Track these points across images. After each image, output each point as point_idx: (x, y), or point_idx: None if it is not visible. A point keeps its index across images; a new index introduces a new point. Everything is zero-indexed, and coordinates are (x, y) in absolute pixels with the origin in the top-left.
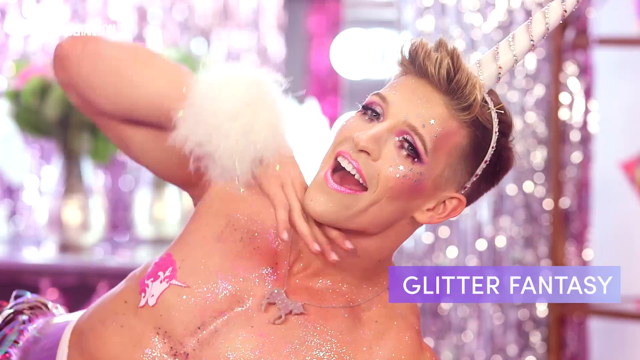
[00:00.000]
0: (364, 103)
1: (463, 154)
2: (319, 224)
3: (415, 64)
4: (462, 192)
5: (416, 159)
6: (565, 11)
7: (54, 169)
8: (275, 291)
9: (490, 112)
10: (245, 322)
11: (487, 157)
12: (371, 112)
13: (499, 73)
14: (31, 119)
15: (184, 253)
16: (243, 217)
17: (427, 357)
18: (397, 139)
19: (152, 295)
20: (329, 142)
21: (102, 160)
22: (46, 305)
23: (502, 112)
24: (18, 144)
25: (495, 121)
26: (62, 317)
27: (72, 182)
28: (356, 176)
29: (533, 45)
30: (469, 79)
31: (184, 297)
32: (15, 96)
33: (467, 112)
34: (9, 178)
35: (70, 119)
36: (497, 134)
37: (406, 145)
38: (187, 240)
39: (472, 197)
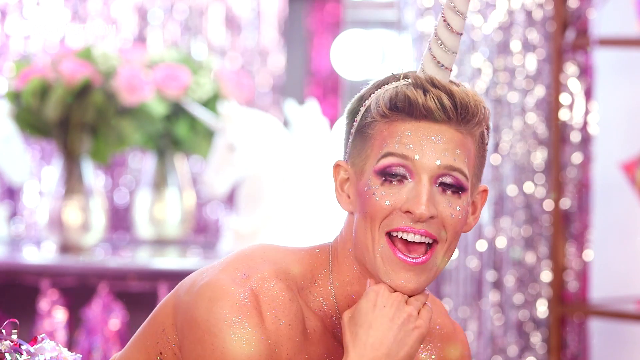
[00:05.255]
0: (377, 168)
1: (476, 155)
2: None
3: (413, 112)
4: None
5: (461, 191)
6: None
7: (55, 170)
8: None
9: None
10: None
11: (487, 140)
12: (394, 176)
13: (450, 72)
14: (31, 120)
15: None
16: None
17: (459, 330)
18: (436, 186)
19: None
20: (361, 217)
21: (102, 161)
22: None
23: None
24: (18, 145)
25: (489, 117)
26: None
27: (72, 182)
28: (427, 241)
29: (460, 35)
30: (468, 97)
31: None
32: (15, 97)
33: (478, 127)
34: (9, 179)
35: (71, 119)
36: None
37: (448, 182)
38: None
39: None
